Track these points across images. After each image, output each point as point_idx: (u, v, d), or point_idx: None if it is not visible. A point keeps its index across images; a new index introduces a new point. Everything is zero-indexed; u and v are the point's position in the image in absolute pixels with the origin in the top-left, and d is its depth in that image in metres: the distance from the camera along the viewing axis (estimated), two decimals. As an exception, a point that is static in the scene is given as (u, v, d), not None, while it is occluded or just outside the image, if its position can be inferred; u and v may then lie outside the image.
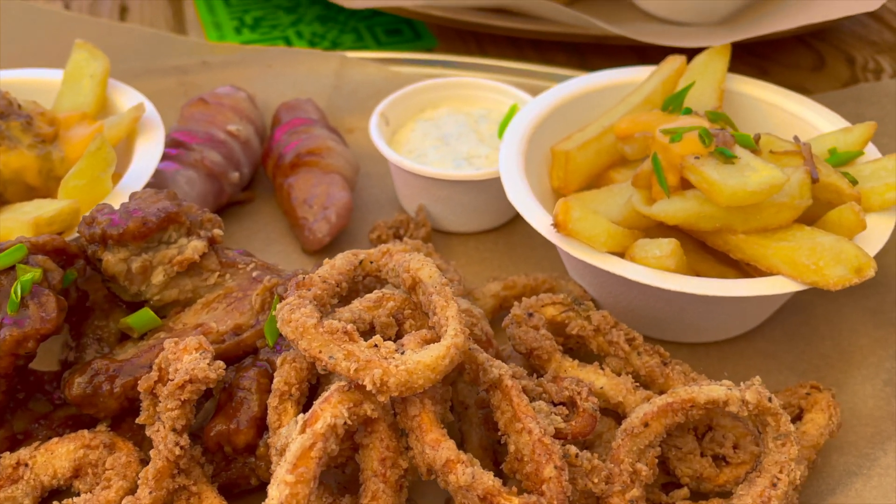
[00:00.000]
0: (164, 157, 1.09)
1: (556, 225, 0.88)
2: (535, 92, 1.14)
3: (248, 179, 1.17)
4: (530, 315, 0.88)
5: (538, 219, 0.92)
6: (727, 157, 0.87)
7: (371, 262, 0.86)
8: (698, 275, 0.94)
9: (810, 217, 0.93)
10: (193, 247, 0.83)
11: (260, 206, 1.16)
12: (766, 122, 1.08)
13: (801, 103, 1.07)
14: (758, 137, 0.92)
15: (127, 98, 1.09)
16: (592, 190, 1.02)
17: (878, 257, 1.06)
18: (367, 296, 0.81)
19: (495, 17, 1.41)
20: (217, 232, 0.86)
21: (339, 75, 1.29)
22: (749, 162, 0.87)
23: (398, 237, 1.09)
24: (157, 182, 1.06)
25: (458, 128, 1.15)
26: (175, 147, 1.11)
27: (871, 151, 0.99)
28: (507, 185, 0.97)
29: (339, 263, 0.84)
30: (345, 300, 0.84)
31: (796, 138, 0.95)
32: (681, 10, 1.48)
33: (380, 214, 1.15)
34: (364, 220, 1.15)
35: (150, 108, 1.07)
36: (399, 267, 0.82)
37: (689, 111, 0.95)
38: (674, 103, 1.02)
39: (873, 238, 0.89)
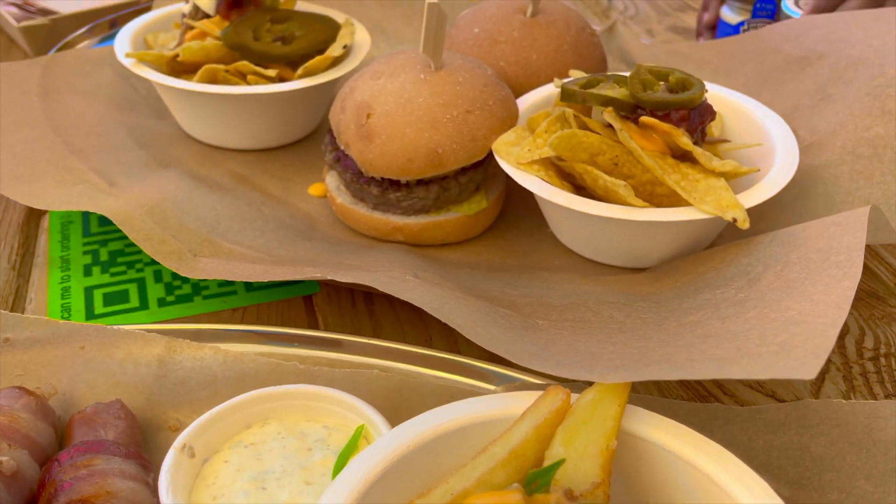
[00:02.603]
0: None
1: None
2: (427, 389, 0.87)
3: (15, 521, 0.90)
4: None
5: None
6: None
7: None
8: None
9: None
10: None
11: (28, 557, 0.89)
12: (677, 487, 0.80)
13: (719, 461, 0.77)
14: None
15: None
16: None
17: None
18: None
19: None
20: None
21: (163, 362, 1.02)
22: None
23: None
24: None
25: (284, 460, 0.88)
26: None
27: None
28: None
29: None
30: None
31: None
32: (608, 255, 1.22)
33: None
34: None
35: None
36: None
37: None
38: (540, 480, 0.74)
39: None
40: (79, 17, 1.85)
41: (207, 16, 1.48)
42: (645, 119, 1.15)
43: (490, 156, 1.27)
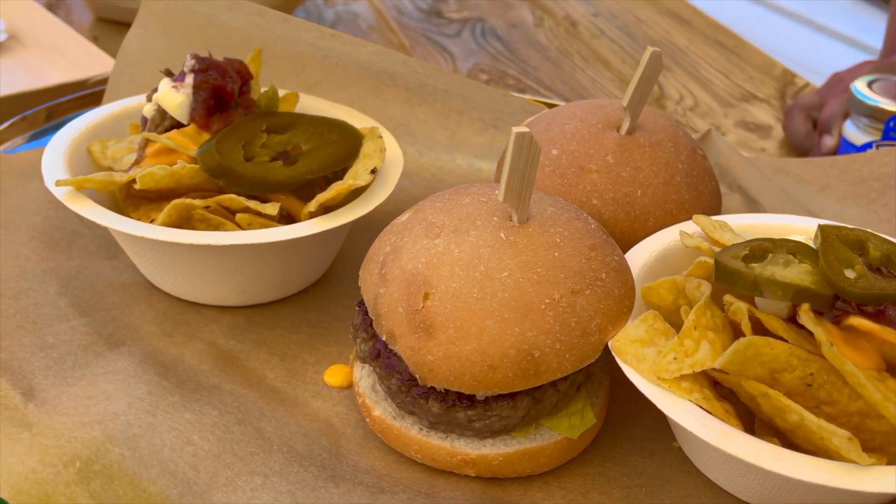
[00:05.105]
0: None
1: None
2: None
3: None
4: None
5: None
6: None
7: None
8: None
9: None
10: None
11: None
12: None
13: None
14: None
15: None
16: None
17: None
18: None
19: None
20: None
21: None
22: None
23: None
24: None
25: None
26: None
27: None
28: None
29: None
30: None
31: None
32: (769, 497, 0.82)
33: None
34: None
35: None
36: None
37: None
38: None
39: None
40: (3, 103, 1.41)
41: (178, 124, 1.06)
42: (858, 323, 0.77)
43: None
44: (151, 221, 1.01)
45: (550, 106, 1.32)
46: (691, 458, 0.90)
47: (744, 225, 1.01)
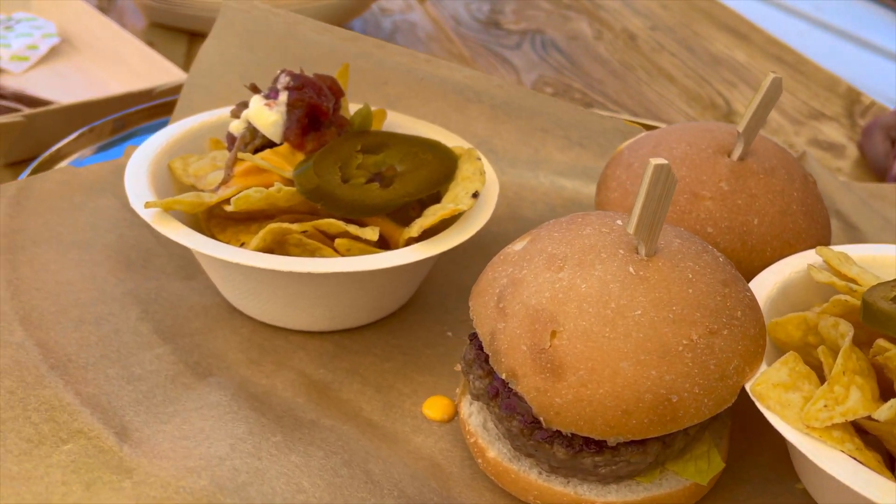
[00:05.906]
0: None
1: None
2: None
3: None
4: None
5: None
6: None
7: None
8: None
9: None
10: None
11: None
12: None
13: None
14: None
15: None
16: None
17: None
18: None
19: None
20: None
21: None
22: None
23: None
24: None
25: None
26: None
27: None
28: None
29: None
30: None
31: None
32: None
33: None
34: None
35: None
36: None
37: None
38: None
39: None
40: (67, 112, 1.35)
41: (269, 143, 1.01)
42: None
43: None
44: (242, 245, 0.96)
45: (648, 127, 1.27)
46: (819, 502, 0.86)
47: (861, 256, 0.96)
